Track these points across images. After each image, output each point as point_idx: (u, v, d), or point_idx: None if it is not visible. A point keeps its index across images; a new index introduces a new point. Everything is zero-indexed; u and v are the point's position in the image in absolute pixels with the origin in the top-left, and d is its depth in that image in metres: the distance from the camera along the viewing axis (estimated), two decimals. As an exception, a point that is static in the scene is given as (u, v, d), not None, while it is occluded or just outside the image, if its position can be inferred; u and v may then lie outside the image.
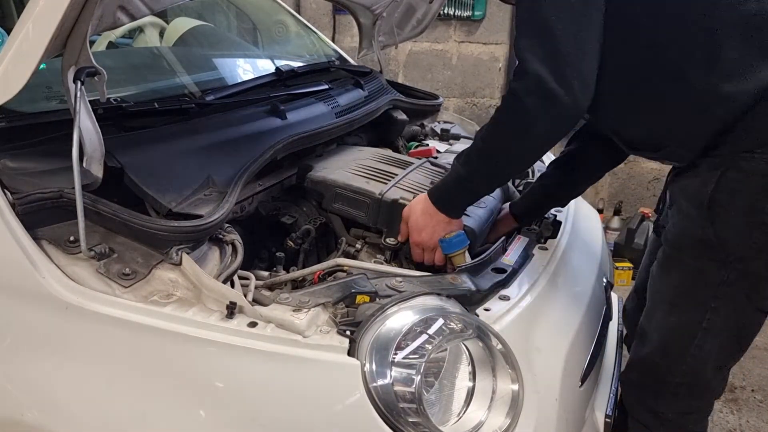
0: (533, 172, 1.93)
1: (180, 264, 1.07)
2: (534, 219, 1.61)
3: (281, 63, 2.06)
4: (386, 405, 0.93)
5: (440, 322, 1.02)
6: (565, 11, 1.12)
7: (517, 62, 1.17)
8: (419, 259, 1.36)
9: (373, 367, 0.95)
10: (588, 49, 1.14)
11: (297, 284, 1.28)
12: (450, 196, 1.30)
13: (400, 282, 1.14)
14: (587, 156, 1.58)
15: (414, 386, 0.94)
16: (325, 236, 1.55)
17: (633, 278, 3.39)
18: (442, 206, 1.29)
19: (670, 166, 1.42)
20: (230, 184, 1.27)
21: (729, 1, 1.15)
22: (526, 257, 1.40)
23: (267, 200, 1.52)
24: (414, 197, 1.39)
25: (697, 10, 1.16)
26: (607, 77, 1.17)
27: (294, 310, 1.02)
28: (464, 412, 1.03)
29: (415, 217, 1.32)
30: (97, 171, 1.09)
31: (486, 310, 1.17)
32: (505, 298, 1.22)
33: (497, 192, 1.66)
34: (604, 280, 1.59)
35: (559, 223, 1.62)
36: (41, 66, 0.99)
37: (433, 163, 1.73)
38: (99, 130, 1.07)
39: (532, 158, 1.28)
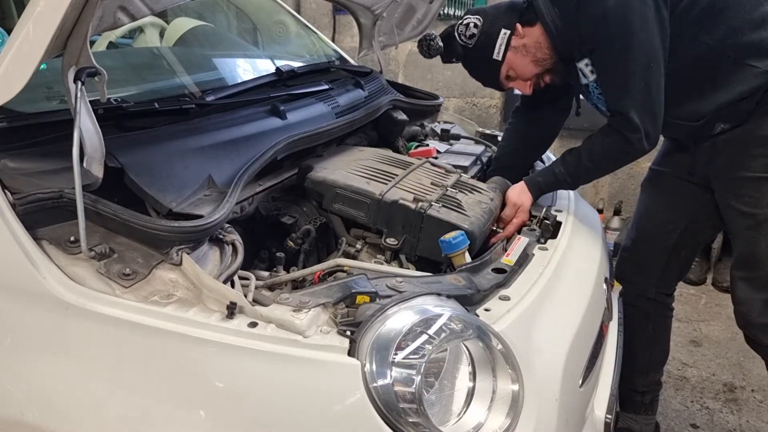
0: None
1: (180, 264, 1.07)
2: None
3: (281, 63, 2.06)
4: (386, 405, 0.93)
5: (440, 322, 1.02)
6: (651, 73, 1.54)
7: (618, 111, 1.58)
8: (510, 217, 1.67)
9: (374, 367, 0.95)
10: (662, 97, 1.57)
11: (297, 284, 1.28)
12: (548, 188, 1.73)
13: (401, 282, 1.14)
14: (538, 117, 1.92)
15: (414, 386, 0.94)
16: (326, 236, 1.55)
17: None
18: (538, 193, 1.71)
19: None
20: (231, 185, 1.27)
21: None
22: (526, 257, 1.41)
23: (267, 200, 1.52)
24: (413, 197, 1.45)
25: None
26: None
27: (294, 311, 1.02)
28: (464, 412, 1.03)
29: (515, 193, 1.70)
30: (98, 171, 1.09)
31: (486, 310, 1.17)
32: (506, 298, 1.22)
33: (496, 193, 1.66)
34: (604, 280, 1.59)
35: (559, 223, 1.62)
36: (41, 66, 0.99)
37: (433, 164, 1.73)
38: (99, 130, 1.07)
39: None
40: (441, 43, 1.75)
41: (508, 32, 1.64)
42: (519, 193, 1.68)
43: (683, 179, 1.84)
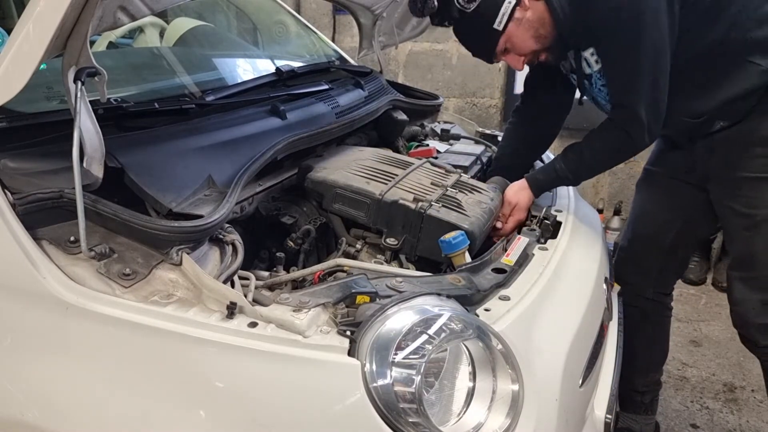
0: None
1: (180, 264, 1.07)
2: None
3: (281, 63, 2.06)
4: (386, 405, 0.93)
5: (440, 322, 1.02)
6: (659, 68, 1.54)
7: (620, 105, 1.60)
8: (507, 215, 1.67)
9: (374, 367, 0.95)
10: (666, 92, 1.57)
11: (297, 284, 1.28)
12: (549, 185, 1.74)
13: (401, 282, 1.14)
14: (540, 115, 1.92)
15: (414, 386, 0.94)
16: (325, 236, 1.55)
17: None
18: (538, 191, 1.70)
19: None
20: (230, 185, 1.27)
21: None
22: (526, 257, 1.41)
23: (267, 200, 1.52)
24: (413, 197, 1.45)
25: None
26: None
27: (294, 311, 1.02)
28: (464, 412, 1.03)
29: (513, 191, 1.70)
30: (98, 171, 1.09)
31: (486, 310, 1.17)
32: (505, 298, 1.22)
33: (496, 193, 1.66)
34: (604, 280, 1.59)
35: (559, 223, 1.62)
36: (41, 66, 0.99)
37: (433, 164, 1.73)
38: (99, 130, 1.07)
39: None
40: (436, 3, 1.61)
41: (514, 1, 1.55)
42: (516, 191, 1.67)
43: (677, 179, 1.84)
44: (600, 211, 3.70)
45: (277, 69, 1.92)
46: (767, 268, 1.67)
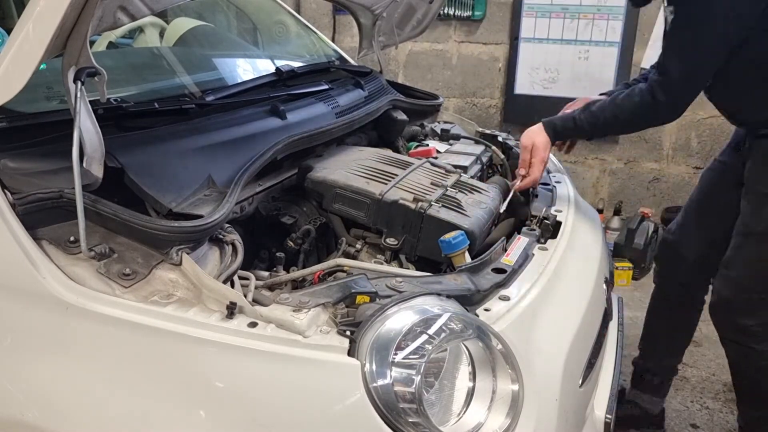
0: None
1: (180, 264, 1.07)
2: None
3: (281, 63, 2.06)
4: (386, 405, 0.93)
5: (440, 322, 1.02)
6: (715, 56, 1.55)
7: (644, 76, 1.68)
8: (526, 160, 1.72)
9: (373, 367, 0.95)
10: (707, 81, 1.61)
11: (297, 284, 1.28)
12: (565, 133, 1.74)
13: (400, 282, 1.14)
14: None
15: (414, 386, 0.94)
16: (326, 236, 1.55)
17: (633, 278, 3.39)
18: (553, 136, 1.72)
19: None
20: (230, 185, 1.27)
21: None
22: (526, 257, 1.40)
23: (267, 200, 1.52)
24: (413, 197, 1.45)
25: None
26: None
27: (294, 311, 1.02)
28: (464, 412, 1.03)
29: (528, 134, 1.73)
30: (97, 171, 1.09)
31: (486, 310, 1.17)
32: (505, 298, 1.22)
33: (496, 193, 1.66)
34: (604, 280, 1.59)
35: (559, 223, 1.62)
36: (41, 66, 0.99)
37: (433, 164, 1.73)
38: (99, 130, 1.07)
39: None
40: None
41: None
42: (531, 134, 1.67)
43: (732, 173, 1.84)
44: (600, 211, 3.70)
45: (277, 69, 1.92)
46: (741, 272, 1.73)
